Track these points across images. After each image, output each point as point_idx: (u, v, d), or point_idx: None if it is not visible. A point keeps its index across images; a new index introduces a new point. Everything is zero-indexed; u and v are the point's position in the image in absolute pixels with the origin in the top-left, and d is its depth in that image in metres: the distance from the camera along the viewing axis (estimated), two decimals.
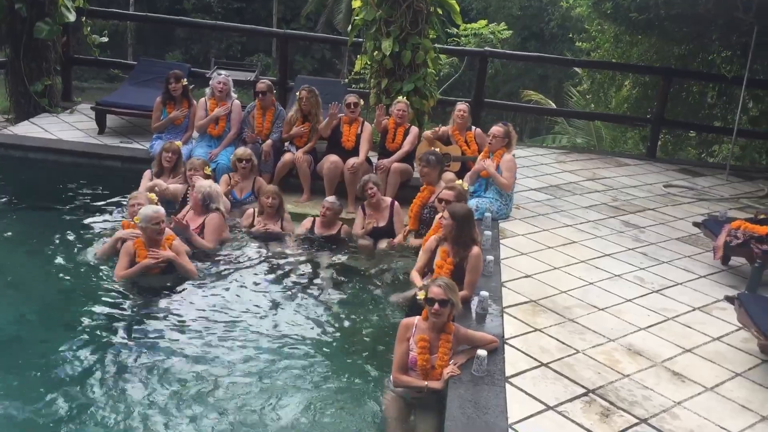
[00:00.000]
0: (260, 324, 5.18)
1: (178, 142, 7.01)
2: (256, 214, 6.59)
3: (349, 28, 8.61)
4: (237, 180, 6.99)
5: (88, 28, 9.39)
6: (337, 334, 5.20)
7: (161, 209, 5.55)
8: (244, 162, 6.95)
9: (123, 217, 6.30)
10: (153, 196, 5.87)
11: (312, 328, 5.21)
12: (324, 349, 4.98)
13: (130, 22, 23.73)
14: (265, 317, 5.29)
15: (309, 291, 5.76)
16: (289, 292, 5.70)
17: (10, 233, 6.26)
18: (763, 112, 11.01)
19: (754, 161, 11.24)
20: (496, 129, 6.64)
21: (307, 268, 6.10)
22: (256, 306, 5.43)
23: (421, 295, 4.23)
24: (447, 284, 4.15)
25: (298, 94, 7.65)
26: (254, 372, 4.58)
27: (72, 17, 8.69)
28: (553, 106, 15.44)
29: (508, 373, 4.17)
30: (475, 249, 4.93)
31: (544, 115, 17.07)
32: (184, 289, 5.49)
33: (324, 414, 4.22)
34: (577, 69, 15.20)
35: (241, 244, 6.36)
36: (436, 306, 4.09)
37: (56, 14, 8.54)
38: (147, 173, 6.92)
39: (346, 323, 5.36)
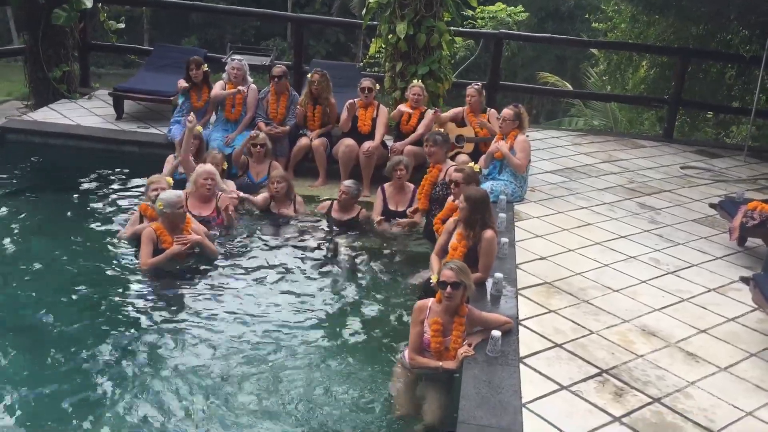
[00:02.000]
0: (278, 305, 5.25)
1: (199, 127, 7.04)
2: (270, 199, 6.66)
3: (364, 11, 8.61)
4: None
5: (105, 14, 9.46)
6: (353, 315, 5.26)
7: (182, 193, 5.61)
8: (259, 146, 7.01)
9: (141, 199, 6.38)
10: (170, 180, 5.94)
11: (328, 309, 5.29)
12: (340, 329, 5.05)
13: (146, 8, 23.77)
14: (283, 298, 5.36)
15: (326, 273, 5.82)
16: (306, 274, 5.76)
17: (31, 219, 6.36)
18: None
19: None
20: (506, 111, 6.64)
21: (323, 251, 6.16)
22: (274, 287, 5.51)
23: (434, 279, 4.28)
24: (459, 267, 4.18)
25: (309, 76, 7.66)
26: (271, 351, 4.66)
27: (89, 3, 8.73)
28: (570, 87, 15.35)
29: (522, 353, 4.21)
30: (489, 232, 4.94)
31: (560, 98, 16.96)
32: (203, 272, 5.58)
33: (338, 390, 4.31)
34: (593, 50, 15.09)
35: (256, 228, 6.44)
36: (449, 289, 4.14)
37: (73, 0, 8.59)
38: (170, 158, 6.98)
39: (362, 304, 5.42)
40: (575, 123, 14.61)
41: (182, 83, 7.81)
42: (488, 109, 7.51)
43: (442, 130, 7.10)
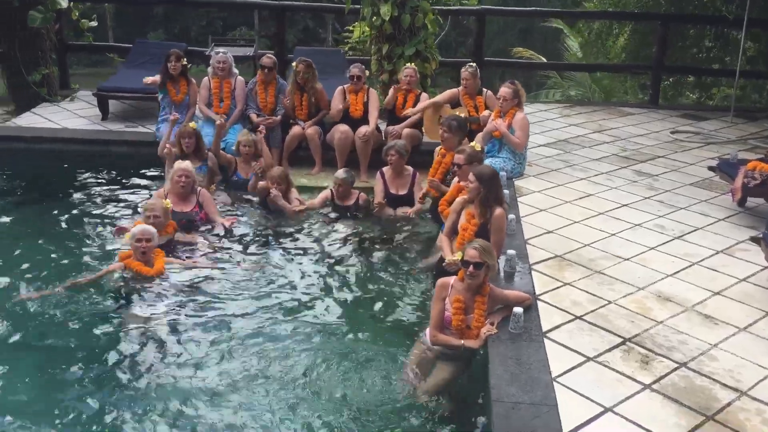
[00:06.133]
0: (289, 295, 5.24)
1: (192, 124, 6.88)
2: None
3: None
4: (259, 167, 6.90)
5: (76, 14, 9.26)
6: (366, 300, 5.27)
7: (150, 229, 5.29)
8: (247, 147, 6.89)
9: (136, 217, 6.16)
10: (168, 203, 5.72)
11: (340, 296, 5.29)
12: (354, 314, 5.07)
13: (109, 5, 23.27)
14: (293, 289, 5.34)
15: (332, 261, 5.81)
16: (315, 263, 5.74)
17: (24, 227, 6.24)
18: (760, 51, 11.00)
19: (754, 102, 11.26)
20: (505, 90, 6.57)
21: (329, 239, 6.15)
22: (284, 279, 5.47)
23: (457, 257, 4.28)
24: (483, 247, 4.18)
25: (294, 66, 7.58)
26: (287, 338, 4.67)
27: (65, 3, 8.54)
28: (544, 60, 15.32)
29: (544, 328, 4.22)
30: (498, 210, 4.94)
31: (543, 70, 16.90)
32: (208, 266, 5.53)
33: (357, 374, 4.31)
34: (558, 26, 15.01)
35: (260, 222, 6.40)
36: (471, 268, 4.14)
37: (48, 1, 8.40)
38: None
39: (372, 290, 5.42)
40: (552, 95, 14.60)
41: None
42: (485, 90, 7.40)
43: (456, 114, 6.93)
